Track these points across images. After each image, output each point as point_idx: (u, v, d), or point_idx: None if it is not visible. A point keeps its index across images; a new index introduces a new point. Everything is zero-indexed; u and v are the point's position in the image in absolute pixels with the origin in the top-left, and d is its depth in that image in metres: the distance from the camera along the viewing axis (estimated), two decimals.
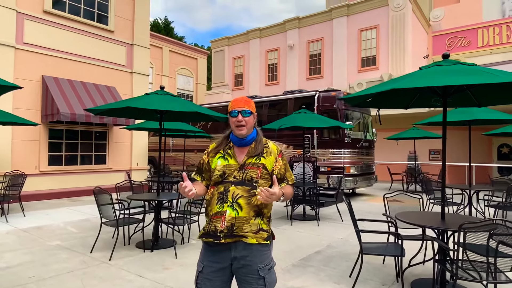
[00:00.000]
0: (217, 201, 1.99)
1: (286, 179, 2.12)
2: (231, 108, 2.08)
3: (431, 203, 7.06)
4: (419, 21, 17.56)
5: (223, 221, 1.93)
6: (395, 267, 3.92)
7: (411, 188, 12.48)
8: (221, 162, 2.04)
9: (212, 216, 1.98)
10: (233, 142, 2.10)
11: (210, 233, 1.98)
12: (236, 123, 2.04)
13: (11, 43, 8.93)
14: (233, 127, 2.07)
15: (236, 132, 2.06)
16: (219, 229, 1.94)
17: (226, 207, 1.95)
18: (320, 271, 4.11)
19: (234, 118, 2.05)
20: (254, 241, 1.96)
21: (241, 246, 1.97)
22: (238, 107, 2.05)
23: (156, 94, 5.18)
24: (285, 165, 2.13)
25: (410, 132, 11.74)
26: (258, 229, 1.99)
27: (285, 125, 7.06)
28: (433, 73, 3.17)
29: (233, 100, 2.11)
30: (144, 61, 12.30)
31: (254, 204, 1.97)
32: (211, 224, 1.98)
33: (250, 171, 2.00)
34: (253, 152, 2.06)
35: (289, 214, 7.23)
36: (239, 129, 2.04)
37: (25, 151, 9.26)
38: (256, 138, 2.12)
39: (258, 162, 2.03)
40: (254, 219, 1.97)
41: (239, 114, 2.04)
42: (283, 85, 19.38)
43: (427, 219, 3.53)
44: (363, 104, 4.25)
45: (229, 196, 1.96)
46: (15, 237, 5.55)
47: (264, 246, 2.01)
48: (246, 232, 1.95)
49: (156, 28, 32.20)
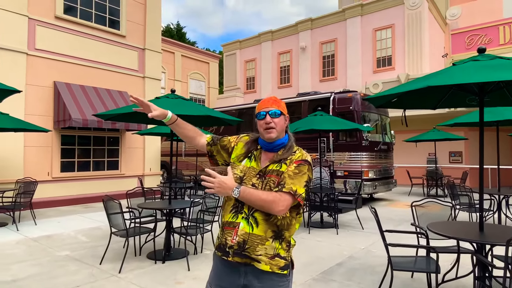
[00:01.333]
0: (231, 208, 1.70)
1: (282, 184, 1.64)
2: (257, 110, 1.79)
3: (458, 209, 6.64)
4: (436, 20, 17.04)
5: (235, 235, 1.64)
6: (426, 282, 3.57)
7: (432, 192, 11.98)
8: (245, 163, 1.77)
9: (224, 226, 1.70)
10: (261, 146, 1.82)
11: (221, 246, 1.70)
12: (264, 125, 1.74)
13: (23, 49, 8.91)
14: (261, 131, 1.77)
15: (264, 136, 1.76)
16: (229, 243, 1.65)
17: (240, 219, 1.65)
18: (344, 286, 3.79)
19: (261, 121, 1.75)
20: (268, 268, 1.62)
21: (251, 273, 1.64)
22: (266, 108, 1.75)
23: (167, 97, 4.99)
24: (293, 172, 1.67)
25: (430, 133, 11.27)
26: (275, 254, 1.65)
27: (300, 128, 6.76)
28: (470, 68, 2.85)
29: (261, 101, 1.82)
30: (156, 66, 12.20)
31: (273, 222, 1.64)
32: (223, 236, 1.70)
33: (270, 180, 1.68)
34: (277, 157, 1.74)
35: (306, 222, 6.91)
36: (268, 132, 1.73)
37: (38, 157, 9.21)
38: (286, 144, 1.79)
39: (278, 170, 1.70)
40: (272, 241, 1.64)
41: (267, 115, 1.74)
42: (295, 87, 19.08)
43: (464, 231, 3.19)
44: (387, 104, 3.94)
45: (245, 207, 1.66)
46: (25, 247, 5.40)
47: (281, 277, 1.67)
48: (259, 256, 1.62)
49: (169, 34, 32.39)
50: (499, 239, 2.85)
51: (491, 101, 3.68)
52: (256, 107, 1.83)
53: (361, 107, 9.41)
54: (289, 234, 1.71)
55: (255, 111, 1.82)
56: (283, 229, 1.67)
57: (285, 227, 1.67)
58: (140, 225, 5.05)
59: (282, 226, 1.66)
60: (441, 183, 11.79)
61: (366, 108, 9.54)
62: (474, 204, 6.59)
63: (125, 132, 11.12)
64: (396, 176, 11.72)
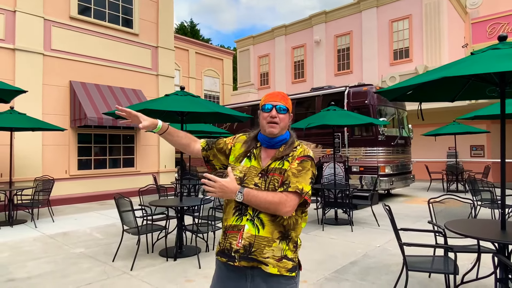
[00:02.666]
0: (234, 210, 1.63)
1: (286, 183, 1.58)
2: (264, 102, 1.72)
3: (479, 205, 6.37)
4: (455, 9, 16.43)
5: (240, 238, 1.57)
6: (445, 282, 3.42)
7: (452, 187, 11.61)
8: (245, 162, 1.70)
9: (228, 230, 1.63)
10: (261, 143, 1.75)
11: (225, 251, 1.62)
12: (269, 119, 1.67)
13: (40, 50, 9.08)
14: (264, 124, 1.70)
15: (266, 129, 1.69)
16: (234, 247, 1.58)
17: (244, 221, 1.59)
18: (357, 286, 3.67)
19: (266, 113, 1.69)
20: (276, 271, 1.57)
21: (259, 277, 1.59)
22: (274, 101, 1.69)
23: (176, 95, 4.95)
24: (296, 169, 1.61)
25: (450, 127, 10.89)
26: (282, 256, 1.59)
27: (313, 123, 6.62)
28: (490, 57, 2.67)
29: (268, 94, 1.74)
30: (170, 63, 12.24)
31: (280, 223, 1.59)
32: (226, 240, 1.63)
33: (273, 178, 1.62)
34: (279, 154, 1.68)
35: (320, 219, 6.79)
36: (271, 126, 1.67)
37: (55, 156, 9.40)
38: (287, 140, 1.74)
39: (281, 167, 1.65)
40: (278, 243, 1.59)
41: (274, 108, 1.68)
42: (310, 82, 18.83)
43: (484, 230, 3.02)
44: (401, 98, 3.77)
45: (249, 208, 1.59)
46: (41, 244, 5.50)
47: (289, 279, 1.61)
48: (267, 258, 1.56)
49: (182, 31, 32.53)
50: None
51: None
52: (262, 99, 1.76)
53: (377, 101, 9.16)
54: (296, 234, 1.66)
55: (261, 103, 1.74)
56: (289, 229, 1.62)
57: (291, 227, 1.62)
58: (152, 223, 5.06)
59: (288, 226, 1.61)
60: (462, 178, 11.41)
61: (382, 102, 9.28)
62: (496, 200, 6.32)
63: (139, 130, 11.22)
64: (415, 171, 11.41)
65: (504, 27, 16.11)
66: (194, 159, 13.67)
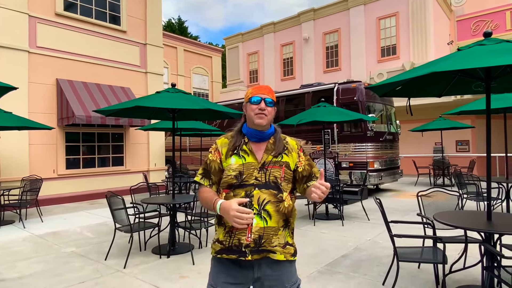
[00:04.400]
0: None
1: (314, 175, 1.80)
2: (252, 94, 1.74)
3: (465, 198, 6.54)
4: (440, 6, 16.71)
5: (249, 233, 1.62)
6: (434, 272, 3.52)
7: (439, 181, 11.86)
8: (236, 160, 1.71)
9: (234, 227, 1.63)
10: (249, 137, 1.75)
11: (232, 248, 1.64)
12: (258, 110, 1.70)
13: (25, 47, 8.90)
14: (252, 115, 1.72)
15: (255, 121, 1.71)
16: (244, 243, 1.62)
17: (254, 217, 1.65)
18: (350, 278, 3.75)
19: (255, 105, 1.71)
20: (283, 257, 1.68)
21: (265, 264, 1.67)
22: (262, 94, 1.73)
23: (167, 92, 4.93)
24: (308, 160, 1.83)
25: (437, 122, 11.10)
26: (285, 242, 1.71)
27: (304, 120, 6.69)
28: (476, 53, 2.75)
29: (256, 87, 1.77)
30: (158, 61, 12.14)
31: (282, 211, 1.68)
32: (233, 237, 1.64)
33: (273, 171, 1.69)
34: (272, 148, 1.73)
35: (311, 214, 6.87)
36: (260, 116, 1.70)
37: (43, 155, 9.25)
38: (274, 133, 1.80)
39: (280, 160, 1.72)
40: (282, 230, 1.70)
41: (263, 101, 1.71)
42: (299, 79, 18.93)
43: (471, 220, 3.11)
44: (391, 93, 3.84)
45: (254, 202, 1.63)
46: (31, 244, 5.43)
47: (291, 263, 1.76)
48: (275, 247, 1.66)
49: (170, 29, 32.24)
50: (508, 228, 2.78)
51: (498, 87, 3.57)
52: (248, 92, 1.79)
53: (366, 97, 9.28)
54: (293, 220, 1.78)
55: (248, 96, 1.76)
56: (289, 216, 1.73)
57: (290, 214, 1.74)
58: (144, 220, 5.05)
59: (288, 214, 1.71)
60: (448, 172, 11.66)
61: (370, 98, 9.41)
62: (481, 193, 6.50)
63: (129, 128, 11.13)
64: (402, 166, 11.61)
65: (488, 24, 16.47)
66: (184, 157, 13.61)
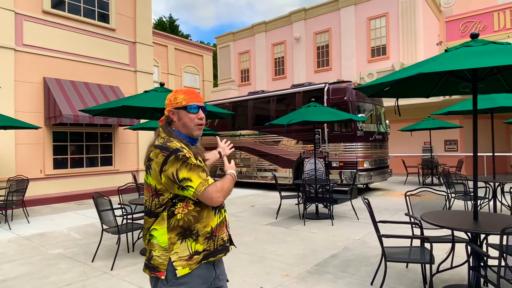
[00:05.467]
0: (214, 211, 1.66)
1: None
2: (187, 102, 1.67)
3: (453, 197, 6.62)
4: (430, 7, 16.89)
5: (226, 228, 1.74)
6: (421, 272, 3.54)
7: (428, 181, 12.00)
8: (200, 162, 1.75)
9: (215, 231, 1.63)
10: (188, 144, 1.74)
11: (218, 249, 1.65)
12: (197, 121, 1.68)
13: (11, 45, 8.72)
14: (191, 126, 1.68)
15: (194, 133, 1.70)
16: (226, 238, 1.72)
17: (224, 212, 1.74)
18: (338, 278, 3.76)
19: (194, 115, 1.67)
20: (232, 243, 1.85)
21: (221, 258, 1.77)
22: (199, 102, 1.69)
23: (156, 91, 4.88)
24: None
25: (425, 122, 11.23)
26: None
27: (294, 119, 6.68)
28: (463, 55, 2.77)
29: (187, 91, 1.70)
30: (148, 59, 12.02)
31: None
32: (216, 239, 1.64)
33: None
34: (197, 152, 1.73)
35: (301, 213, 6.88)
36: (200, 128, 1.71)
37: (29, 155, 9.08)
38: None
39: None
40: None
41: (200, 110, 1.70)
42: (290, 79, 18.95)
43: (458, 220, 3.14)
44: (380, 94, 3.86)
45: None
46: (16, 245, 5.32)
47: None
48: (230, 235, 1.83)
49: (161, 27, 31.97)
50: (494, 228, 2.81)
51: (485, 88, 3.62)
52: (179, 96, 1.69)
53: (356, 97, 9.33)
54: None
55: (181, 102, 1.67)
56: None
57: None
58: (132, 222, 4.99)
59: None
60: (437, 172, 11.80)
61: (360, 98, 9.46)
62: (469, 192, 6.57)
63: (117, 127, 11.00)
64: (392, 165, 11.71)
65: (476, 25, 16.71)
66: None
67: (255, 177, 11.65)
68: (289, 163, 10.63)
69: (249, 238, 5.49)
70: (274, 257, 4.49)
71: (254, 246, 5.02)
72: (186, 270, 1.56)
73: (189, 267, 1.57)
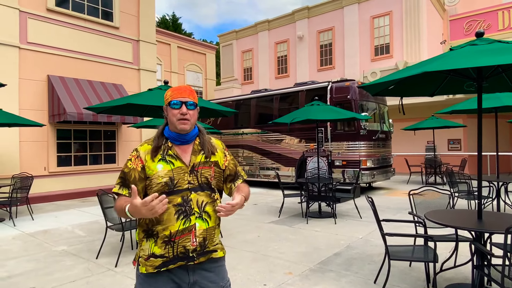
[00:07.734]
0: (176, 215, 1.58)
1: (239, 174, 1.85)
2: (171, 98, 1.67)
3: (456, 196, 6.61)
4: (434, 6, 16.82)
5: (193, 238, 1.59)
6: (425, 271, 3.54)
7: (431, 180, 11.97)
8: (164, 166, 1.63)
9: (174, 237, 1.57)
10: (171, 140, 1.69)
11: (179, 256, 1.59)
12: (179, 116, 1.65)
13: (15, 43, 8.76)
14: (174, 121, 1.66)
15: (178, 127, 1.66)
16: (191, 248, 1.58)
17: (194, 220, 1.60)
18: (341, 276, 3.77)
19: (176, 110, 1.65)
20: (222, 254, 1.74)
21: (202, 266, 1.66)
22: (182, 97, 1.66)
23: (160, 89, 4.90)
24: (233, 160, 1.87)
25: (429, 121, 11.20)
26: (219, 239, 1.77)
27: (298, 118, 6.69)
28: (469, 53, 2.77)
29: (174, 88, 1.70)
30: (151, 57, 12.04)
31: (215, 210, 1.67)
32: (176, 246, 1.57)
33: (203, 172, 1.68)
34: (199, 149, 1.72)
35: (304, 212, 6.89)
36: (183, 122, 1.65)
37: (34, 152, 9.13)
38: (199, 133, 1.77)
39: (209, 160, 1.72)
40: (217, 228, 1.74)
41: (183, 105, 1.66)
42: (293, 77, 18.92)
43: (462, 219, 3.14)
44: (383, 92, 3.86)
45: (194, 206, 1.61)
46: (21, 242, 5.36)
47: (224, 258, 1.78)
48: (216, 245, 1.71)
49: (164, 25, 31.99)
50: (498, 227, 2.81)
51: (489, 87, 3.61)
52: (167, 93, 1.71)
53: (359, 96, 9.31)
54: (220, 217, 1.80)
55: (168, 99, 1.68)
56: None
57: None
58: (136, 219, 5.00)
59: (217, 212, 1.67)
60: (440, 171, 11.77)
61: (364, 97, 9.45)
62: (472, 191, 6.56)
63: (121, 125, 11.04)
64: (395, 164, 11.69)
65: (480, 24, 16.62)
66: None
67: (257, 176, 11.66)
68: (292, 161, 10.63)
69: (252, 236, 5.50)
70: (277, 255, 4.50)
71: (257, 244, 5.04)
72: (143, 269, 1.62)
73: (145, 268, 1.60)
